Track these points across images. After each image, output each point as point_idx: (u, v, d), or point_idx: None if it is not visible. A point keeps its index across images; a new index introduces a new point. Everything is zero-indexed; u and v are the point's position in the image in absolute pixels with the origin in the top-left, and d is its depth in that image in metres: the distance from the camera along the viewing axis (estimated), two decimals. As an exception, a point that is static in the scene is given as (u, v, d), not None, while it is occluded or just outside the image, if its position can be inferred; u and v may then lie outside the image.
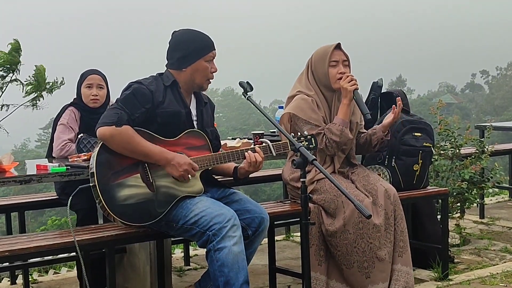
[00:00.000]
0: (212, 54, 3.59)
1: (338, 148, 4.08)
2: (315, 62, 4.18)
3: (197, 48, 3.54)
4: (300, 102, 4.09)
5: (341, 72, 4.08)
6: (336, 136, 4.01)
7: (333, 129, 4.03)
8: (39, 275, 5.09)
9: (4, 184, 3.61)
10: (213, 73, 3.62)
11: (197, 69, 3.56)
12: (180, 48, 3.56)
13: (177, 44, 3.58)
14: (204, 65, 3.56)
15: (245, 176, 3.66)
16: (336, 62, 4.11)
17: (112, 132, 3.32)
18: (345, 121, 4.04)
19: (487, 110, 66.90)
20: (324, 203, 4.06)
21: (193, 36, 3.58)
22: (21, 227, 4.75)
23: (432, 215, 4.92)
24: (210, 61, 3.59)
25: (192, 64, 3.54)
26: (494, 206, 7.22)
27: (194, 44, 3.54)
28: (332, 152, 4.09)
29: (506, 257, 5.12)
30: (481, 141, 5.59)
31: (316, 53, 4.21)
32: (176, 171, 3.39)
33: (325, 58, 4.11)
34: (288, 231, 6.09)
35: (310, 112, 4.06)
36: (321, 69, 4.13)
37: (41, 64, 5.65)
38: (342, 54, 4.14)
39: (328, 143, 4.03)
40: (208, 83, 3.64)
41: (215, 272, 3.29)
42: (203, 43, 3.57)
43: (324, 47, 4.19)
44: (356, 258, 3.96)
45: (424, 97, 73.28)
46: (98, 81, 4.41)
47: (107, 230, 3.57)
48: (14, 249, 3.27)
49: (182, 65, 3.55)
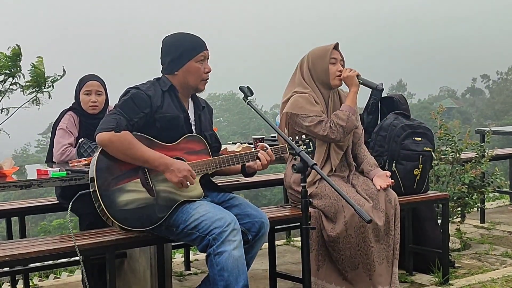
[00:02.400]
0: (203, 54, 3.56)
1: (343, 133, 4.11)
2: (313, 60, 4.24)
3: (186, 50, 3.53)
4: (297, 99, 4.14)
5: (339, 70, 4.20)
6: (343, 120, 4.07)
7: (339, 114, 4.10)
8: (39, 280, 5.08)
9: (4, 189, 3.60)
10: (208, 73, 3.59)
11: (189, 71, 3.55)
12: (170, 51, 3.56)
13: (167, 48, 3.58)
14: (195, 66, 3.55)
15: (253, 173, 3.69)
16: (336, 60, 4.21)
17: (111, 137, 3.32)
18: (352, 108, 4.13)
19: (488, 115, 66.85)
20: (325, 207, 4.07)
21: (181, 38, 3.58)
22: (21, 232, 4.74)
23: (433, 220, 4.92)
24: (202, 61, 3.56)
25: (183, 66, 3.54)
26: (495, 211, 7.22)
27: (182, 46, 3.54)
28: (336, 138, 4.10)
29: (506, 262, 5.11)
30: (481, 145, 5.59)
31: (313, 51, 4.28)
32: (175, 177, 3.39)
33: (325, 56, 4.20)
34: (288, 235, 6.09)
35: (309, 106, 4.11)
36: (321, 66, 4.19)
37: (39, 56, 5.60)
38: (339, 54, 4.25)
39: (334, 127, 4.06)
40: (204, 83, 3.62)
41: (215, 276, 3.28)
42: (192, 44, 3.56)
43: (323, 46, 4.28)
44: (360, 260, 4.00)
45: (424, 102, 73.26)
46: (97, 87, 4.39)
47: (107, 235, 3.57)
48: (14, 254, 3.27)
49: (173, 69, 3.56)
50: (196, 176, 3.48)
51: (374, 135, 4.60)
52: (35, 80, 5.57)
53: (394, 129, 4.54)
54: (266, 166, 3.60)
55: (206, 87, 3.66)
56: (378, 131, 4.59)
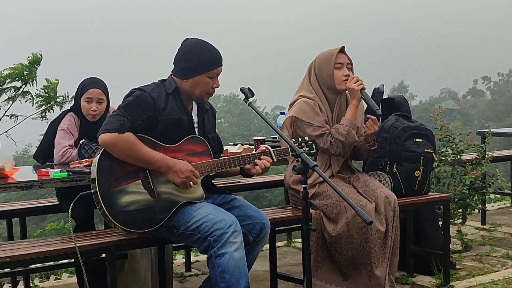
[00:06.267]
0: (216, 71, 3.54)
1: (343, 149, 4.09)
2: (319, 65, 4.20)
3: (202, 63, 3.51)
4: (302, 105, 4.12)
5: (346, 74, 4.13)
6: (343, 136, 4.04)
7: (340, 129, 4.06)
8: (40, 281, 5.09)
9: (6, 190, 3.61)
10: (215, 88, 3.59)
11: (198, 83, 3.53)
12: (186, 58, 3.53)
13: (184, 53, 3.56)
14: (205, 80, 3.53)
15: (252, 175, 3.68)
16: (341, 64, 4.15)
17: (114, 139, 3.32)
18: (352, 122, 4.08)
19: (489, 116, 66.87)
20: (326, 208, 4.07)
21: (201, 49, 3.54)
22: (22, 233, 4.74)
23: (434, 221, 4.92)
24: (214, 77, 3.55)
25: (195, 77, 3.52)
26: (496, 212, 7.22)
27: (199, 58, 3.51)
28: (336, 152, 4.09)
29: (507, 264, 5.11)
30: (482, 147, 5.59)
31: (320, 56, 4.24)
32: (178, 178, 3.39)
33: (330, 60, 4.15)
34: (289, 237, 6.08)
35: (312, 114, 4.08)
36: (326, 71, 4.15)
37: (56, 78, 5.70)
38: (346, 57, 4.19)
39: (334, 142, 4.04)
40: (208, 96, 3.61)
41: (216, 278, 3.28)
42: (210, 59, 3.53)
43: (329, 50, 4.23)
44: (361, 260, 4.00)
45: (426, 103, 73.30)
46: (99, 95, 4.34)
47: (108, 236, 3.57)
48: (15, 255, 3.27)
49: (184, 76, 3.54)
50: (198, 178, 3.48)
51: (375, 137, 4.60)
52: (47, 98, 5.65)
53: (395, 131, 4.54)
54: (265, 171, 3.58)
55: None
56: (379, 132, 4.58)
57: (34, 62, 5.68)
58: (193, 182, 3.43)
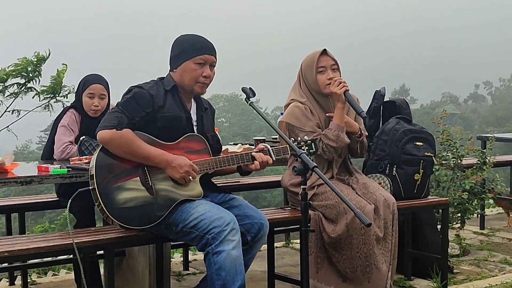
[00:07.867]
0: (204, 57, 3.53)
1: (336, 153, 4.11)
2: (304, 70, 4.21)
3: (186, 49, 3.53)
4: (294, 110, 4.12)
5: (329, 78, 4.09)
6: (333, 141, 4.04)
7: (329, 135, 4.05)
8: (37, 277, 5.09)
9: (5, 185, 3.61)
10: (206, 77, 3.56)
11: (185, 70, 3.53)
12: (173, 49, 3.59)
13: (173, 45, 3.61)
14: (191, 66, 3.52)
15: (249, 172, 3.67)
16: (324, 68, 4.12)
17: (112, 135, 3.33)
18: (340, 126, 4.07)
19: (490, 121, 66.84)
20: (326, 209, 4.07)
21: (187, 38, 3.59)
22: (21, 228, 4.75)
23: (432, 225, 4.92)
24: (201, 64, 3.53)
25: (181, 64, 3.54)
26: (495, 217, 7.23)
27: (185, 45, 3.54)
28: (330, 157, 4.12)
29: (505, 269, 5.11)
30: (483, 152, 5.59)
31: (304, 61, 4.24)
32: (177, 173, 3.40)
33: (312, 66, 4.13)
34: (287, 238, 6.08)
35: (304, 119, 4.09)
36: (310, 76, 4.15)
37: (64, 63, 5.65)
38: (329, 59, 4.15)
39: (325, 148, 4.05)
40: (200, 86, 3.57)
41: (212, 275, 3.28)
42: (196, 45, 3.54)
43: (311, 55, 4.21)
44: (359, 262, 4.00)
45: (427, 107, 73.29)
46: (101, 91, 4.36)
47: (106, 233, 3.57)
48: (13, 250, 3.27)
49: (173, 66, 3.58)
50: (197, 175, 3.48)
51: (375, 139, 4.60)
52: (52, 87, 5.62)
53: (395, 134, 4.54)
54: (262, 166, 3.57)
55: (207, 90, 3.64)
56: (380, 135, 4.59)
57: (39, 60, 5.66)
58: (192, 176, 3.43)
